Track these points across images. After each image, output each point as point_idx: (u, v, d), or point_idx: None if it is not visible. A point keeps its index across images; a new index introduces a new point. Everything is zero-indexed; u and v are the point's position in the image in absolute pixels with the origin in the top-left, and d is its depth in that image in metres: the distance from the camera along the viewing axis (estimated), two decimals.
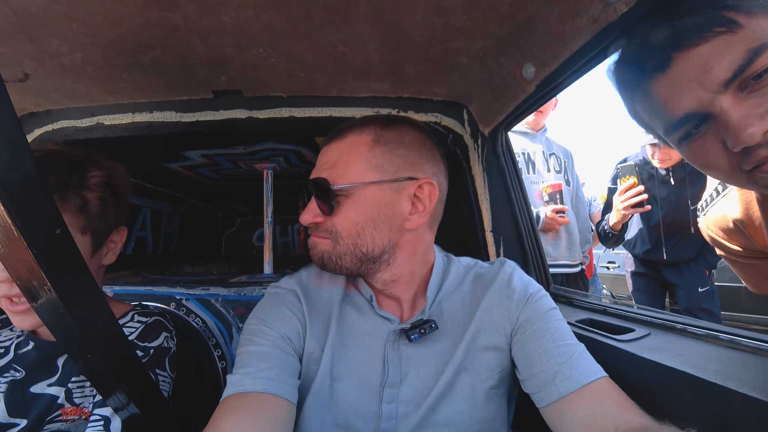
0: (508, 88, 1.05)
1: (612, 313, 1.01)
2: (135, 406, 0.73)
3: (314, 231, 0.82)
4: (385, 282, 0.84)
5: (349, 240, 0.78)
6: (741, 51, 0.51)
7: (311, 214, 0.80)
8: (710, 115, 0.56)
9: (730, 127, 0.53)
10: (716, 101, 0.54)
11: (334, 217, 0.79)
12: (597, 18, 0.71)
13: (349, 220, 0.78)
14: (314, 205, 0.80)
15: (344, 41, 0.91)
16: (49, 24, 0.80)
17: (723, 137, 0.55)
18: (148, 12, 0.78)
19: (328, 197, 0.78)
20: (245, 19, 0.82)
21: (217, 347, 1.31)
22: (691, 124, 0.58)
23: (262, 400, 0.69)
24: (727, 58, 0.52)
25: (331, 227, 0.79)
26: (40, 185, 0.58)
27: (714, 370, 0.64)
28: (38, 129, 1.26)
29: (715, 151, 0.57)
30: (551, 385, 0.72)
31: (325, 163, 0.82)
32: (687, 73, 0.54)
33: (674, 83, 0.56)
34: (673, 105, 0.57)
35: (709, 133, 0.57)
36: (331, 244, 0.80)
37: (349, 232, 0.78)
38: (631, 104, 0.66)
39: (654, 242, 2.50)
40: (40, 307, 0.60)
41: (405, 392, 0.78)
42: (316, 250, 0.82)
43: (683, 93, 0.56)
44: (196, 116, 1.24)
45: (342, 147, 0.82)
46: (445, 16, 0.82)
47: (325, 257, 0.81)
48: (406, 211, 0.79)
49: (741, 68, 0.51)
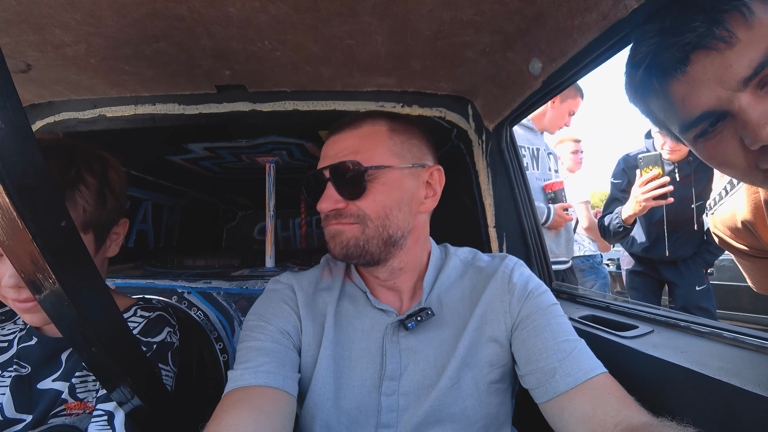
0: (514, 83, 1.05)
1: (615, 310, 1.01)
2: (139, 398, 0.73)
3: (336, 218, 0.81)
4: (392, 270, 0.85)
5: (378, 222, 0.80)
6: (761, 49, 0.51)
7: (332, 200, 0.80)
8: (728, 113, 0.55)
9: (749, 124, 0.53)
10: (735, 99, 0.53)
11: (361, 200, 0.79)
12: (607, 14, 0.70)
13: (377, 202, 0.80)
14: (332, 191, 0.80)
15: (351, 34, 0.90)
16: (53, 13, 0.79)
17: (741, 135, 0.55)
18: (153, 2, 0.77)
19: (358, 180, 0.79)
20: (251, 11, 0.81)
21: (219, 340, 1.31)
22: (708, 122, 0.57)
23: (263, 393, 0.70)
24: (748, 56, 0.51)
25: (357, 211, 0.80)
26: (46, 176, 0.57)
27: (718, 367, 0.65)
28: (40, 120, 1.26)
29: (732, 149, 0.57)
30: (551, 380, 0.72)
31: (344, 150, 0.82)
32: (706, 72, 0.54)
33: (692, 82, 0.56)
34: (691, 103, 0.57)
35: (727, 131, 0.57)
36: (360, 229, 0.80)
37: (378, 214, 0.80)
38: (644, 102, 0.66)
39: (653, 239, 2.49)
40: (44, 299, 0.60)
41: (405, 385, 0.79)
42: (341, 237, 0.80)
43: (702, 91, 0.55)
44: (198, 109, 1.24)
45: (360, 134, 0.83)
46: (453, 10, 0.81)
47: (351, 243, 0.80)
48: (422, 195, 0.85)
49: (761, 65, 0.51)
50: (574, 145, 3.48)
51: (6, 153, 0.51)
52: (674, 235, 2.42)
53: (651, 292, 2.70)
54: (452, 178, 1.45)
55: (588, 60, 0.82)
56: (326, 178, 0.81)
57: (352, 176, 0.79)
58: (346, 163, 0.79)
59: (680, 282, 2.50)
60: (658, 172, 1.83)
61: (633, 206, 1.96)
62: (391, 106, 1.24)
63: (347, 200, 0.79)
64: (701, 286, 2.47)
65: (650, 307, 0.97)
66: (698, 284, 2.47)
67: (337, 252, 0.81)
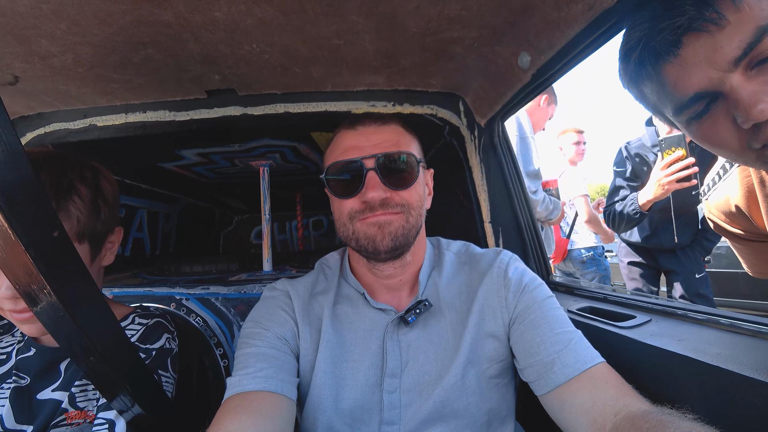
0: (504, 77, 1.05)
1: (613, 301, 1.01)
2: (139, 406, 0.73)
3: (382, 208, 0.80)
4: (403, 264, 0.86)
5: (417, 212, 0.83)
6: (750, 30, 0.52)
7: (381, 189, 0.79)
8: (720, 94, 0.56)
9: (741, 103, 0.54)
10: (726, 79, 0.54)
11: (406, 191, 0.81)
12: (593, 5, 0.70)
13: (417, 193, 0.84)
14: (378, 180, 0.80)
15: (338, 33, 0.90)
16: (38, 24, 0.78)
17: (733, 114, 0.56)
18: (138, 9, 0.76)
19: (412, 170, 0.83)
20: (237, 14, 0.80)
21: (218, 346, 1.31)
22: (701, 103, 0.58)
23: (262, 398, 0.70)
24: (737, 37, 0.52)
25: (401, 201, 0.81)
26: (36, 187, 0.57)
27: (715, 353, 0.65)
28: (30, 132, 1.25)
29: (725, 129, 0.58)
30: (550, 372, 0.72)
31: (386, 141, 0.83)
32: (697, 54, 0.55)
33: (684, 64, 0.57)
34: (683, 85, 0.58)
35: (719, 112, 0.58)
36: (404, 218, 0.81)
37: (417, 204, 0.83)
38: (638, 87, 0.67)
39: (654, 228, 2.48)
40: (40, 311, 0.60)
41: (407, 381, 0.79)
42: (392, 227, 0.80)
43: (693, 73, 0.56)
44: (190, 114, 1.23)
45: (393, 130, 0.86)
46: (440, 6, 0.81)
47: (400, 233, 0.80)
48: (426, 193, 0.91)
49: (750, 45, 0.52)
50: (577, 136, 3.44)
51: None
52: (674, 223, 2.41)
53: (649, 282, 2.70)
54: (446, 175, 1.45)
55: (576, 51, 0.82)
56: (368, 167, 0.80)
57: (404, 166, 0.81)
58: (403, 152, 0.82)
59: (680, 270, 2.50)
60: (683, 153, 1.73)
61: (654, 190, 1.87)
62: (382, 105, 1.24)
63: (392, 190, 0.80)
64: (700, 274, 2.47)
65: (647, 297, 0.97)
66: (698, 272, 2.47)
67: (386, 243, 0.80)
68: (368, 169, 0.79)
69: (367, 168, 0.80)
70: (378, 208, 0.80)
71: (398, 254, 0.83)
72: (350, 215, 0.82)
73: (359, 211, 0.81)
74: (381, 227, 0.80)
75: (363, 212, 0.80)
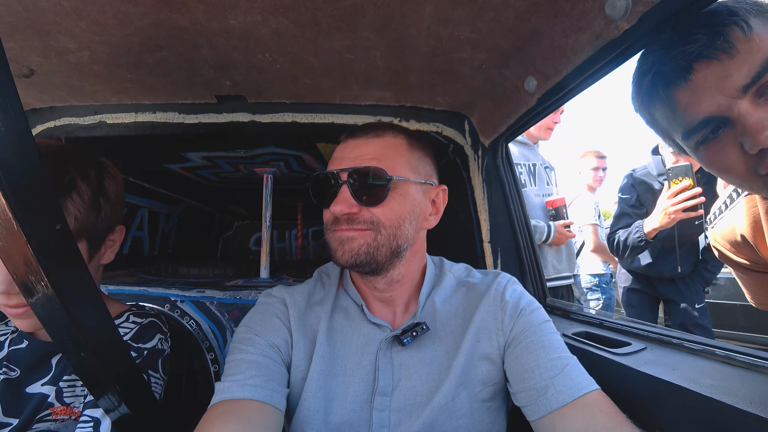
0: (509, 99, 1.07)
1: (608, 327, 1.01)
2: (126, 406, 0.72)
3: (347, 223, 0.79)
4: (390, 281, 0.85)
5: (390, 231, 0.80)
6: (759, 59, 0.54)
7: (347, 203, 0.78)
8: (728, 120, 0.58)
9: (748, 129, 0.56)
10: (735, 106, 0.57)
11: (377, 207, 0.79)
12: (599, 34, 0.72)
13: (393, 211, 0.80)
14: (348, 194, 0.78)
15: (350, 48, 0.92)
16: (59, 20, 0.80)
17: (740, 140, 0.58)
18: (157, 12, 0.78)
19: (382, 187, 0.79)
20: (253, 23, 0.82)
21: (210, 350, 1.29)
22: (710, 128, 0.60)
23: (250, 406, 0.69)
24: (746, 66, 0.55)
25: (371, 218, 0.79)
26: (43, 180, 0.58)
27: (710, 384, 0.65)
28: (40, 125, 1.26)
29: (732, 154, 0.60)
30: (543, 398, 0.72)
31: (365, 155, 0.81)
32: (707, 80, 0.57)
33: (695, 89, 0.59)
34: (693, 109, 0.60)
35: (727, 137, 0.60)
36: (372, 235, 0.79)
37: (392, 222, 0.80)
38: (649, 111, 0.69)
39: (655, 256, 2.47)
40: (35, 302, 0.60)
41: (397, 400, 0.78)
42: (353, 244, 0.78)
43: (703, 98, 0.58)
44: (198, 118, 1.25)
45: (382, 143, 0.83)
46: (451, 27, 0.83)
47: (362, 251, 0.78)
48: (427, 212, 0.87)
49: (759, 74, 0.54)
50: (597, 161, 3.28)
51: (4, 155, 0.52)
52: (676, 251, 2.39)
53: (647, 309, 2.68)
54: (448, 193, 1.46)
55: (582, 78, 0.84)
56: (342, 181, 0.79)
57: (374, 182, 0.79)
58: (371, 168, 0.79)
59: (680, 299, 2.47)
60: (690, 183, 1.76)
61: (660, 219, 1.88)
62: (389, 120, 1.25)
63: (362, 206, 0.79)
64: (700, 305, 2.45)
65: (643, 324, 0.97)
66: (697, 302, 2.45)
67: (345, 259, 0.79)
68: (341, 183, 0.79)
69: (341, 181, 0.79)
70: (342, 223, 0.79)
71: (367, 271, 0.82)
72: (326, 225, 0.83)
73: (331, 222, 0.81)
74: (342, 243, 0.79)
75: (331, 224, 0.81)
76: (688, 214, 1.79)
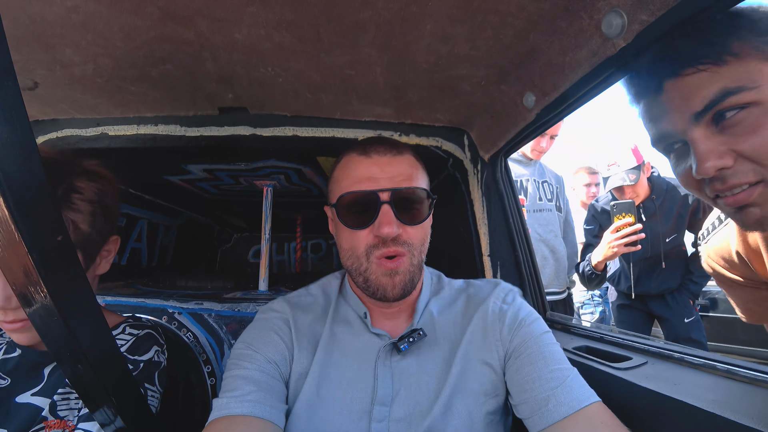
0: (508, 115, 1.08)
1: (609, 341, 1.01)
2: (122, 420, 0.71)
3: (394, 244, 0.77)
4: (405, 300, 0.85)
5: (421, 250, 0.81)
6: (716, 88, 0.55)
7: (396, 224, 0.76)
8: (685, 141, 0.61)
9: (695, 155, 0.59)
10: (689, 131, 0.59)
11: (413, 228, 0.79)
12: (596, 52, 0.73)
13: (424, 230, 0.82)
14: (392, 215, 0.77)
15: (351, 64, 0.93)
16: (65, 33, 0.82)
17: (690, 161, 0.61)
18: (162, 26, 0.80)
19: (424, 207, 0.80)
20: (256, 38, 0.84)
21: (207, 363, 1.28)
22: (671, 141, 0.64)
23: (248, 423, 0.68)
24: (703, 92, 0.56)
25: (408, 239, 0.78)
26: (46, 191, 0.58)
27: (711, 399, 0.64)
28: (42, 136, 1.27)
29: (689, 170, 0.62)
30: (544, 409, 0.71)
31: (400, 175, 0.79)
32: (673, 101, 0.60)
33: (663, 107, 0.62)
34: (660, 124, 0.64)
35: (685, 152, 0.63)
36: (409, 259, 0.79)
37: (423, 241, 0.81)
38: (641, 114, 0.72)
39: (636, 278, 2.49)
40: (33, 312, 0.59)
41: (397, 410, 0.77)
42: (400, 275, 0.77)
43: (666, 117, 0.62)
44: (200, 131, 1.26)
45: (406, 162, 0.83)
46: (450, 45, 0.85)
47: (407, 279, 0.78)
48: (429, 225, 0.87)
49: (712, 103, 0.56)
50: (589, 177, 3.19)
51: (9, 166, 0.52)
52: (654, 271, 2.44)
53: (640, 325, 2.67)
54: (448, 207, 1.47)
55: (580, 94, 0.86)
56: (383, 200, 0.77)
57: (418, 202, 0.79)
58: (416, 188, 0.79)
59: (669, 315, 2.48)
60: (632, 220, 1.87)
61: (604, 251, 1.99)
62: (389, 135, 1.27)
63: (404, 225, 0.78)
64: (690, 318, 2.44)
65: (644, 338, 0.96)
66: (687, 316, 2.44)
67: (396, 292, 0.78)
68: (383, 203, 0.77)
69: (382, 201, 0.77)
70: (390, 244, 0.77)
71: (409, 290, 0.81)
72: (367, 249, 0.79)
73: (373, 245, 0.78)
74: (392, 276, 0.78)
75: (377, 246, 0.78)
76: (629, 248, 1.90)
